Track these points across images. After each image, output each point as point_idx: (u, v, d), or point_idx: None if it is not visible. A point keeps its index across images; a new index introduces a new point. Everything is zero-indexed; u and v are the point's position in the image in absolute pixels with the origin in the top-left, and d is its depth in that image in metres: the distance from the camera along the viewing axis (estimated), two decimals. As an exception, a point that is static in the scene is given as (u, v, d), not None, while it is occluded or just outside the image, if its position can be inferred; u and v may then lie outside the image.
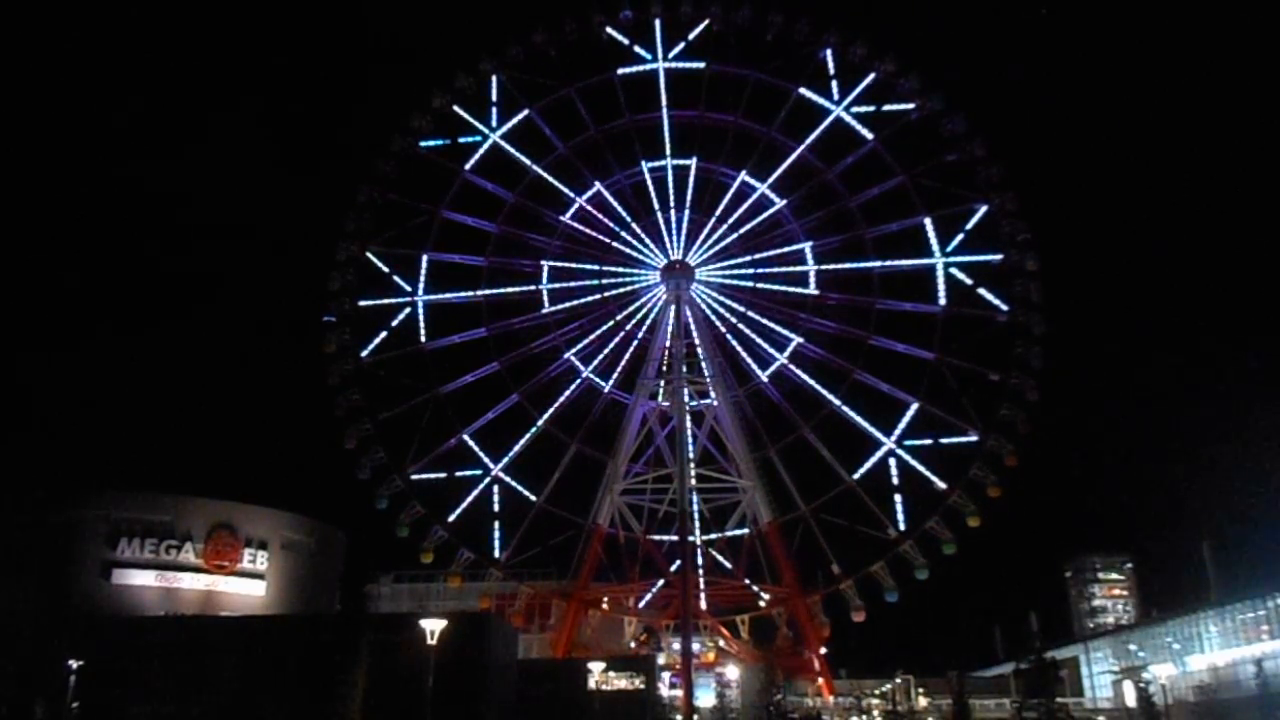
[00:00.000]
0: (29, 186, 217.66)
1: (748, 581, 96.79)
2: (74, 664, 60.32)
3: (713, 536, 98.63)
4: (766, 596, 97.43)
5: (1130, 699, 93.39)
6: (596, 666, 74.92)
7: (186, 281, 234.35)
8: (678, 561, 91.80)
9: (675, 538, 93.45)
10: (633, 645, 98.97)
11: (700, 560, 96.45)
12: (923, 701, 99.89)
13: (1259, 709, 77.27)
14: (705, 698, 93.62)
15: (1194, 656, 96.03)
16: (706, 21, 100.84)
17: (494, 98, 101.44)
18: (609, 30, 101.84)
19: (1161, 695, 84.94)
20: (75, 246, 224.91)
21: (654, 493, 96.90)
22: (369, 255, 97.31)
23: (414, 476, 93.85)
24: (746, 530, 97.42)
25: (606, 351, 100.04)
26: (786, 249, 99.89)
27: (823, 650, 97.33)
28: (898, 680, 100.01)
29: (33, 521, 73.92)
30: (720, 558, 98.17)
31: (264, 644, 64.27)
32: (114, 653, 62.46)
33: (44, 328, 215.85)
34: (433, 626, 44.07)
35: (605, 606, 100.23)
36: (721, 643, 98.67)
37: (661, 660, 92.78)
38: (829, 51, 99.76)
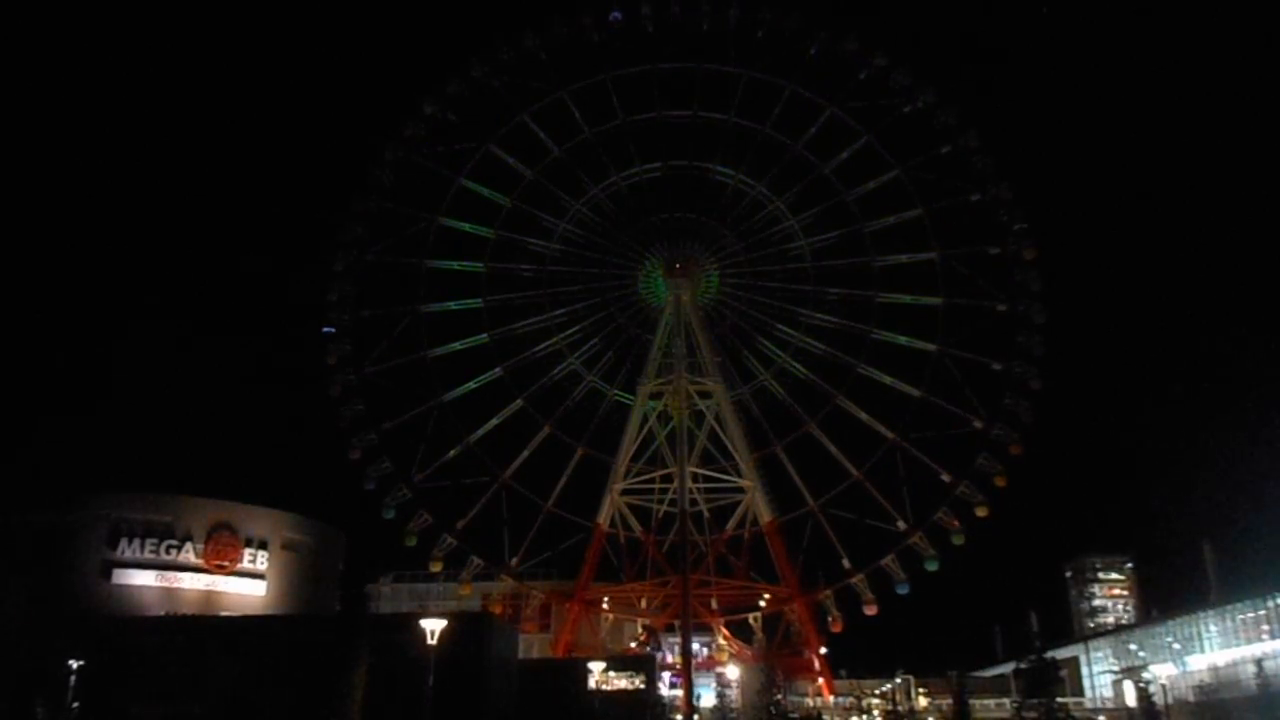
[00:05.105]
0: (28, 187, 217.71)
1: (753, 575, 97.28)
2: (74, 664, 60.24)
3: (713, 537, 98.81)
4: (768, 596, 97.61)
5: (1130, 699, 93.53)
6: (596, 666, 74.91)
7: (186, 282, 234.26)
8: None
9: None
10: (633, 645, 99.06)
11: (705, 560, 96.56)
12: (923, 701, 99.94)
13: (1259, 709, 77.25)
14: (705, 697, 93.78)
15: (1194, 656, 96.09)
16: (698, 21, 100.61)
17: (487, 103, 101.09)
18: (599, 32, 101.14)
19: (1162, 695, 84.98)
20: (74, 248, 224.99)
21: (655, 493, 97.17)
22: (367, 265, 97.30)
23: (420, 485, 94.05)
24: (747, 530, 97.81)
25: (609, 354, 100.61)
26: (785, 245, 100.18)
27: (823, 650, 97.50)
28: (898, 680, 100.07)
29: (33, 521, 73.80)
30: (732, 556, 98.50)
31: (264, 644, 64.09)
32: (114, 653, 62.23)
33: (44, 328, 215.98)
34: (433, 626, 43.98)
35: (606, 606, 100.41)
36: (721, 641, 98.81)
37: (670, 659, 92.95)
38: (820, 48, 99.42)
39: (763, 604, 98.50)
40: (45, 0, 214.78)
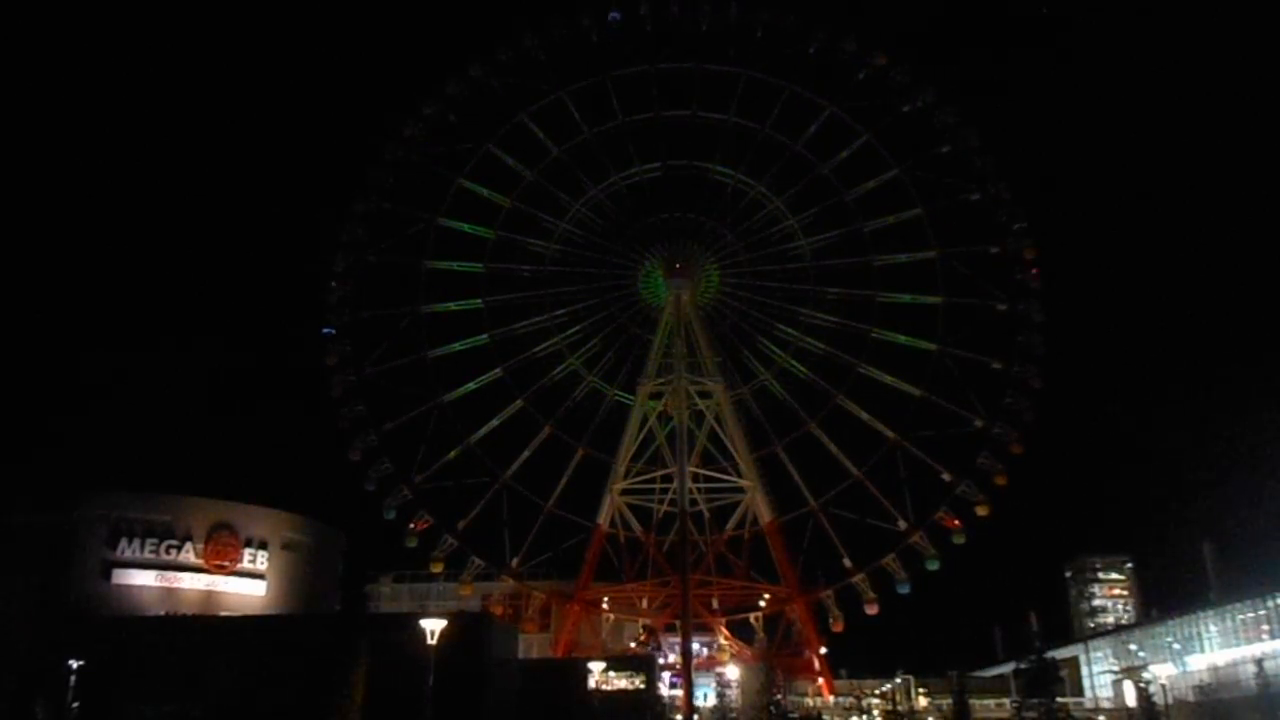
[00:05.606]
0: (29, 188, 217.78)
1: (753, 575, 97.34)
2: (74, 664, 60.27)
3: (713, 537, 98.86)
4: (768, 596, 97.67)
5: (1130, 699, 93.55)
6: (596, 666, 74.90)
7: (186, 282, 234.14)
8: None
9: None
10: (633, 645, 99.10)
11: (705, 560, 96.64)
12: (923, 701, 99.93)
13: (1259, 709, 77.29)
14: (708, 697, 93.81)
15: (1194, 656, 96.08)
16: (697, 21, 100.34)
17: (486, 103, 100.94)
18: (598, 32, 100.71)
19: (1161, 695, 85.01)
20: (74, 247, 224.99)
21: (655, 493, 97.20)
22: (367, 265, 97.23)
23: (421, 486, 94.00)
24: (747, 530, 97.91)
25: (609, 354, 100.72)
26: (785, 245, 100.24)
27: (823, 650, 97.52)
28: (898, 680, 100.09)
29: (33, 521, 73.73)
30: (732, 556, 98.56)
31: (264, 644, 64.16)
32: (114, 653, 62.29)
33: (43, 329, 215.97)
34: (433, 626, 43.90)
35: (606, 606, 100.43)
36: (721, 641, 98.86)
37: (670, 659, 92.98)
38: (819, 48, 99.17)
39: (763, 604, 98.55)
40: (46, 0, 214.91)
